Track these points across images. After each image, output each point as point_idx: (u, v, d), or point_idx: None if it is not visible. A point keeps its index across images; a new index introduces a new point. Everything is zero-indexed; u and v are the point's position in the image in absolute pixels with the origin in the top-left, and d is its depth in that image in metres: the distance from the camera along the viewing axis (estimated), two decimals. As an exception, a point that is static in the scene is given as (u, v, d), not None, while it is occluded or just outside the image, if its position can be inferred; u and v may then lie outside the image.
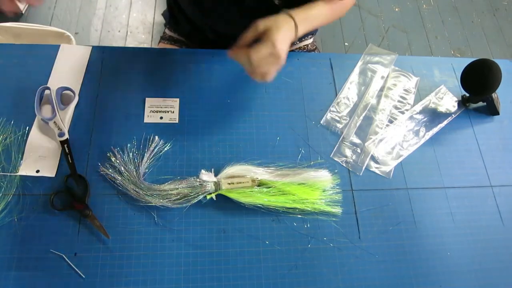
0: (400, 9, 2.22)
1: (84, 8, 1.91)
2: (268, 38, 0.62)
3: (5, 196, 0.63)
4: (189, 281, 0.61)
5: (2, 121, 0.69)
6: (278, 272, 0.63)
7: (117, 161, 0.66)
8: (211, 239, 0.64)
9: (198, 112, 0.75)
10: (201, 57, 0.81)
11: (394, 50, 0.97)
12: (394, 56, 0.87)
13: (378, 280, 0.65)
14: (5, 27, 1.21)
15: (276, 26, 0.64)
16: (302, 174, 0.70)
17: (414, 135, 0.79)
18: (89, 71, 0.76)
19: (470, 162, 0.78)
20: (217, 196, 0.66)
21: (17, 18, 1.80)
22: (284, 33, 0.64)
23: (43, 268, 0.59)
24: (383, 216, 0.70)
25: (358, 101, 0.81)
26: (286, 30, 0.64)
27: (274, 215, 0.67)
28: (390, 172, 0.74)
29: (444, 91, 0.86)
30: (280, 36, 0.63)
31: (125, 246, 0.62)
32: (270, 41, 0.62)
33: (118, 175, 0.65)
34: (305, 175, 0.70)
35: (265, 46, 0.62)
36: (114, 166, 0.66)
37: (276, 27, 0.63)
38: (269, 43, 0.62)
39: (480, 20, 2.26)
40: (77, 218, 0.63)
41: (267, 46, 0.61)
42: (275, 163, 0.71)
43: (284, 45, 0.63)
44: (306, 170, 0.71)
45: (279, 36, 0.62)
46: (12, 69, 0.74)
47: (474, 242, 0.71)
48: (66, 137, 0.67)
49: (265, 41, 0.62)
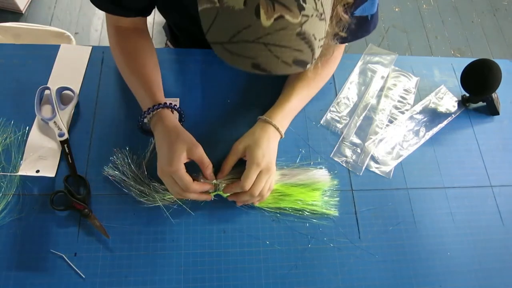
0: (400, 9, 2.22)
1: (84, 8, 1.91)
2: (251, 160, 0.62)
3: (5, 196, 0.63)
4: (189, 281, 0.61)
5: (2, 121, 0.69)
6: (278, 272, 0.63)
7: (120, 161, 0.66)
8: (211, 239, 0.64)
9: (198, 112, 0.75)
10: (201, 57, 0.81)
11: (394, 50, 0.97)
12: (394, 56, 0.87)
13: (378, 280, 0.65)
14: (5, 27, 1.21)
15: (254, 143, 0.64)
16: (301, 175, 0.70)
17: (414, 135, 0.79)
18: (89, 71, 0.76)
19: (470, 162, 0.78)
20: (217, 196, 0.66)
21: (17, 18, 1.80)
22: (265, 146, 0.64)
23: (43, 268, 0.59)
24: (383, 216, 0.70)
25: (358, 101, 0.81)
26: (266, 142, 0.65)
27: (274, 215, 0.67)
28: (390, 172, 0.74)
29: (444, 91, 0.86)
30: (261, 152, 0.63)
31: (125, 246, 0.62)
32: (254, 163, 0.62)
33: (122, 175, 0.65)
34: (303, 176, 0.70)
35: (253, 171, 0.62)
36: (117, 167, 0.66)
37: (255, 144, 0.64)
38: (254, 166, 0.62)
39: (480, 20, 2.26)
40: (77, 218, 0.63)
41: (254, 170, 0.62)
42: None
43: (267, 158, 0.63)
44: (305, 170, 0.71)
45: (260, 152, 0.63)
46: (12, 69, 0.74)
47: (474, 242, 0.71)
48: (66, 137, 0.67)
49: (249, 165, 0.62)
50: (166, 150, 0.60)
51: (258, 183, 0.62)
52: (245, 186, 0.61)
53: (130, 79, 0.69)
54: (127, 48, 0.69)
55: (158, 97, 0.65)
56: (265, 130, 0.66)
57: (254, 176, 0.62)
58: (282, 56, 0.44)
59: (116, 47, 0.70)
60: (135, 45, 0.70)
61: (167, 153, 0.60)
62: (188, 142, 0.61)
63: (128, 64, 0.68)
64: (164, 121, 0.63)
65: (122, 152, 0.67)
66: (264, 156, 0.63)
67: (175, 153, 0.59)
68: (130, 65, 0.68)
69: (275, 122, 0.67)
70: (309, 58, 0.46)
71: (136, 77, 0.67)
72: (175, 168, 0.59)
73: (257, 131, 0.66)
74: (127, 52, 0.69)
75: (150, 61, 0.69)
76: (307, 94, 0.74)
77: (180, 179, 0.59)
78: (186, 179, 0.59)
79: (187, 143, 0.61)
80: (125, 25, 0.70)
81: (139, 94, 0.68)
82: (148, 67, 0.68)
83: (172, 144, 0.60)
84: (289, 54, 0.44)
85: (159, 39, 1.87)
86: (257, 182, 0.62)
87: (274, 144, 0.67)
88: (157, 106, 0.63)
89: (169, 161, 0.59)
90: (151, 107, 0.63)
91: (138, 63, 0.68)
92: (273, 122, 0.67)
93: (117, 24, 0.70)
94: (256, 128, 0.67)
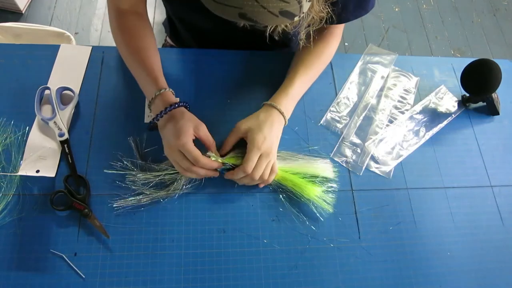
0: (400, 9, 2.22)
1: (84, 8, 1.91)
2: (251, 144, 0.63)
3: (5, 196, 0.63)
4: (189, 281, 0.61)
5: (2, 121, 0.69)
6: (278, 272, 0.63)
7: (121, 162, 0.66)
8: (211, 239, 0.64)
9: (198, 112, 0.74)
10: (201, 57, 0.81)
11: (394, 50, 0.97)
12: (394, 56, 0.87)
13: (378, 280, 0.65)
14: (5, 27, 1.21)
15: (257, 126, 0.65)
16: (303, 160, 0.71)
17: (414, 135, 0.79)
18: (89, 71, 0.76)
19: (470, 162, 0.78)
20: (217, 196, 0.66)
21: (17, 18, 1.80)
22: (267, 131, 0.65)
23: (43, 268, 0.59)
24: (383, 216, 0.70)
25: (358, 101, 0.81)
26: (269, 126, 0.66)
27: (274, 215, 0.67)
28: (390, 172, 0.74)
29: (444, 91, 0.86)
30: (262, 136, 0.64)
31: (125, 246, 0.62)
32: (255, 147, 0.63)
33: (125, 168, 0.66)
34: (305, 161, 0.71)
35: (254, 154, 0.62)
36: (118, 167, 0.66)
37: (258, 127, 0.65)
38: (254, 149, 0.63)
39: (480, 20, 2.26)
40: (77, 218, 0.63)
41: (255, 154, 0.63)
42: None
43: (268, 142, 0.64)
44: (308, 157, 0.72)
45: (261, 136, 0.64)
46: (12, 69, 0.74)
47: (474, 242, 0.71)
48: (66, 137, 0.67)
49: (249, 148, 0.63)
50: (172, 127, 0.62)
51: (258, 166, 0.63)
52: (246, 169, 0.62)
53: (130, 60, 0.70)
54: (128, 30, 0.70)
55: (161, 82, 0.67)
56: (269, 114, 0.67)
57: (255, 159, 0.63)
58: (269, 6, 0.45)
59: (117, 29, 0.71)
60: (135, 26, 0.71)
61: (173, 130, 0.61)
62: (193, 120, 0.64)
63: (128, 45, 0.70)
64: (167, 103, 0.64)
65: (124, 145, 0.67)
66: (265, 140, 0.64)
67: (183, 128, 0.61)
68: (130, 46, 0.70)
69: (279, 107, 0.68)
70: (296, 10, 0.47)
71: (136, 59, 0.69)
72: (184, 141, 0.60)
73: (261, 114, 0.68)
74: (127, 33, 0.70)
75: (150, 43, 0.71)
76: (309, 78, 0.76)
77: (190, 152, 0.60)
78: (196, 152, 0.61)
79: (192, 121, 0.63)
80: (125, 7, 0.71)
81: (141, 78, 0.69)
82: (149, 50, 0.70)
83: (178, 121, 0.62)
84: (276, 4, 0.45)
85: (159, 38, 1.87)
86: (257, 166, 0.63)
87: (278, 129, 0.68)
88: (169, 107, 0.63)
89: (177, 135, 0.60)
90: (164, 110, 0.63)
91: (139, 45, 0.69)
92: (278, 107, 0.68)
93: (118, 5, 0.71)
94: (261, 112, 0.69)
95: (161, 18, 1.91)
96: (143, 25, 0.72)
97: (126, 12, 0.71)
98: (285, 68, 0.79)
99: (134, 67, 0.70)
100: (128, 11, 0.71)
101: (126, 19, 0.71)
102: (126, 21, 0.71)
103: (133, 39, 0.70)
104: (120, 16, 0.71)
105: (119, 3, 0.71)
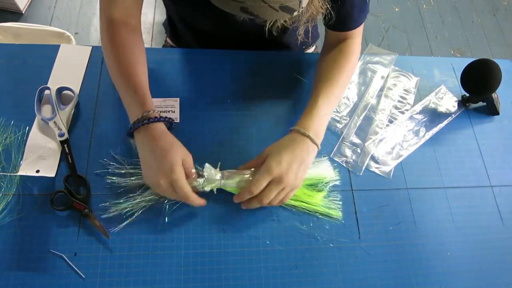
0: (400, 9, 2.22)
1: (84, 8, 1.91)
2: (263, 167, 0.61)
3: (5, 196, 0.63)
4: (189, 281, 0.61)
5: (2, 121, 0.69)
6: (278, 272, 0.63)
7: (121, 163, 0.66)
8: (211, 239, 0.64)
9: (198, 112, 0.75)
10: (201, 57, 0.81)
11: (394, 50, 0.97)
12: (394, 56, 0.87)
13: (378, 280, 0.65)
14: (5, 27, 1.21)
15: (275, 152, 0.62)
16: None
17: (414, 135, 0.79)
18: (89, 71, 0.76)
19: (470, 162, 0.78)
20: (217, 196, 0.66)
21: (17, 18, 1.80)
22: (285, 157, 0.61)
23: (43, 268, 0.59)
24: (383, 216, 0.70)
25: (358, 101, 0.81)
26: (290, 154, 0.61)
27: (274, 215, 0.67)
28: (390, 172, 0.74)
29: (444, 91, 0.86)
30: (276, 162, 0.60)
31: (125, 246, 0.62)
32: (266, 170, 0.60)
33: (123, 175, 0.65)
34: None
35: (262, 177, 0.60)
36: (119, 167, 0.66)
37: (275, 153, 0.61)
38: (264, 172, 0.60)
39: (480, 20, 2.26)
40: (77, 218, 0.63)
41: (263, 177, 0.60)
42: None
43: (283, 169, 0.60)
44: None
45: (275, 161, 0.60)
46: (12, 69, 0.74)
47: (474, 242, 0.71)
48: (66, 137, 0.67)
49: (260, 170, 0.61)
50: (161, 158, 0.58)
51: (267, 192, 0.61)
52: (251, 190, 0.60)
53: (116, 76, 0.66)
54: (118, 43, 0.66)
55: (147, 104, 0.62)
56: (293, 140, 0.63)
57: (263, 182, 0.60)
58: (270, 1, 0.47)
59: (107, 41, 0.67)
60: (126, 40, 0.67)
61: (162, 161, 0.58)
62: (181, 151, 0.61)
63: (117, 60, 0.66)
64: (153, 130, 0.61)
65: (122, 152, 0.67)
66: (279, 165, 0.60)
67: (174, 160, 0.58)
68: (118, 60, 0.66)
69: (304, 131, 0.63)
70: (295, 5, 0.49)
71: (123, 77, 0.65)
72: (177, 176, 0.57)
73: (285, 140, 0.64)
74: (116, 46, 0.66)
75: (139, 59, 0.67)
76: (334, 93, 0.69)
77: (181, 188, 0.58)
78: (188, 188, 0.58)
79: (180, 152, 0.60)
80: (118, 17, 0.67)
81: (126, 96, 0.65)
82: (137, 66, 0.66)
83: (168, 152, 0.59)
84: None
85: (159, 39, 1.87)
86: (267, 191, 0.61)
87: (301, 156, 0.62)
88: (147, 121, 0.60)
89: (170, 169, 0.57)
90: (141, 121, 0.60)
91: (127, 60, 0.66)
92: (302, 131, 0.63)
93: (111, 14, 0.67)
94: (286, 137, 0.65)
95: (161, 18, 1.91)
96: (134, 41, 0.68)
97: (119, 23, 0.67)
98: (285, 68, 0.79)
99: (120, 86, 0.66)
100: (121, 22, 0.67)
101: (118, 32, 0.67)
102: (117, 35, 0.67)
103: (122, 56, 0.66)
104: (111, 29, 0.67)
105: (112, 12, 0.67)
